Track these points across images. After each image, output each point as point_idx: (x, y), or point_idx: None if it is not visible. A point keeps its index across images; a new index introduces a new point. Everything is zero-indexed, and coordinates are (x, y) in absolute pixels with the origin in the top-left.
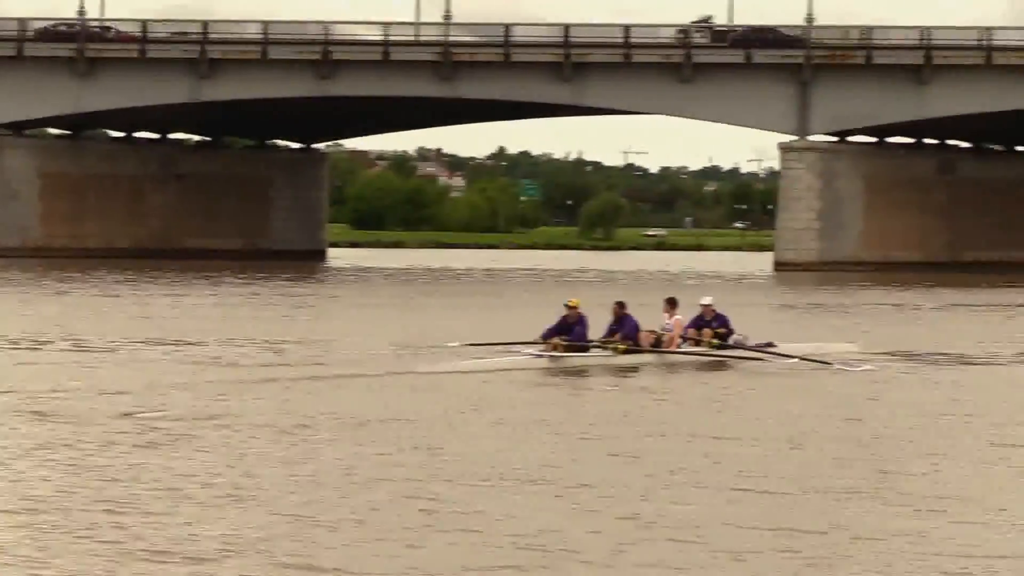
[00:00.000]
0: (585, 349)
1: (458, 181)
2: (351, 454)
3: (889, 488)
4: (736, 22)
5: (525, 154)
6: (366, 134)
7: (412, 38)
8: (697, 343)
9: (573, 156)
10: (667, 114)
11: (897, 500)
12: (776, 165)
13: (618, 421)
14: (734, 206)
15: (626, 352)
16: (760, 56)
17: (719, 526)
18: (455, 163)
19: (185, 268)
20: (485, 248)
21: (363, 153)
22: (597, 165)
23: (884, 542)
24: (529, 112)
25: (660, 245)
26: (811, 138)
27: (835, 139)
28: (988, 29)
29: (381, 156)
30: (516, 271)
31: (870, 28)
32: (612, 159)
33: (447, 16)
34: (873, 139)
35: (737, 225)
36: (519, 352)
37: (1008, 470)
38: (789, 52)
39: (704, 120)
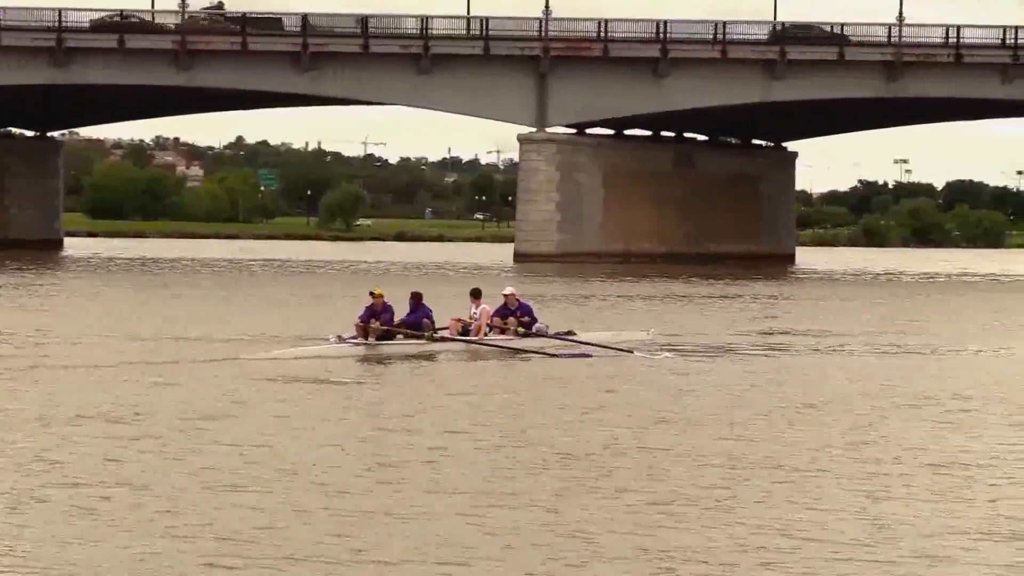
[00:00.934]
0: (392, 336)
1: (196, 170)
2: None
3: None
4: (474, 13)
5: (264, 143)
6: (103, 122)
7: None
8: (503, 331)
9: (312, 146)
10: (406, 104)
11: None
12: (516, 157)
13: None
14: (475, 197)
15: (439, 340)
16: (498, 48)
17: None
18: (193, 152)
19: None
20: (226, 239)
21: (99, 142)
22: (337, 155)
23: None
24: (268, 101)
25: (401, 236)
26: (550, 130)
27: (574, 131)
28: (723, 23)
29: (118, 145)
30: (264, 262)
31: (606, 21)
32: (351, 149)
33: (183, 3)
34: (611, 132)
35: (477, 216)
36: (333, 339)
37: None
38: (527, 44)
39: (443, 111)
